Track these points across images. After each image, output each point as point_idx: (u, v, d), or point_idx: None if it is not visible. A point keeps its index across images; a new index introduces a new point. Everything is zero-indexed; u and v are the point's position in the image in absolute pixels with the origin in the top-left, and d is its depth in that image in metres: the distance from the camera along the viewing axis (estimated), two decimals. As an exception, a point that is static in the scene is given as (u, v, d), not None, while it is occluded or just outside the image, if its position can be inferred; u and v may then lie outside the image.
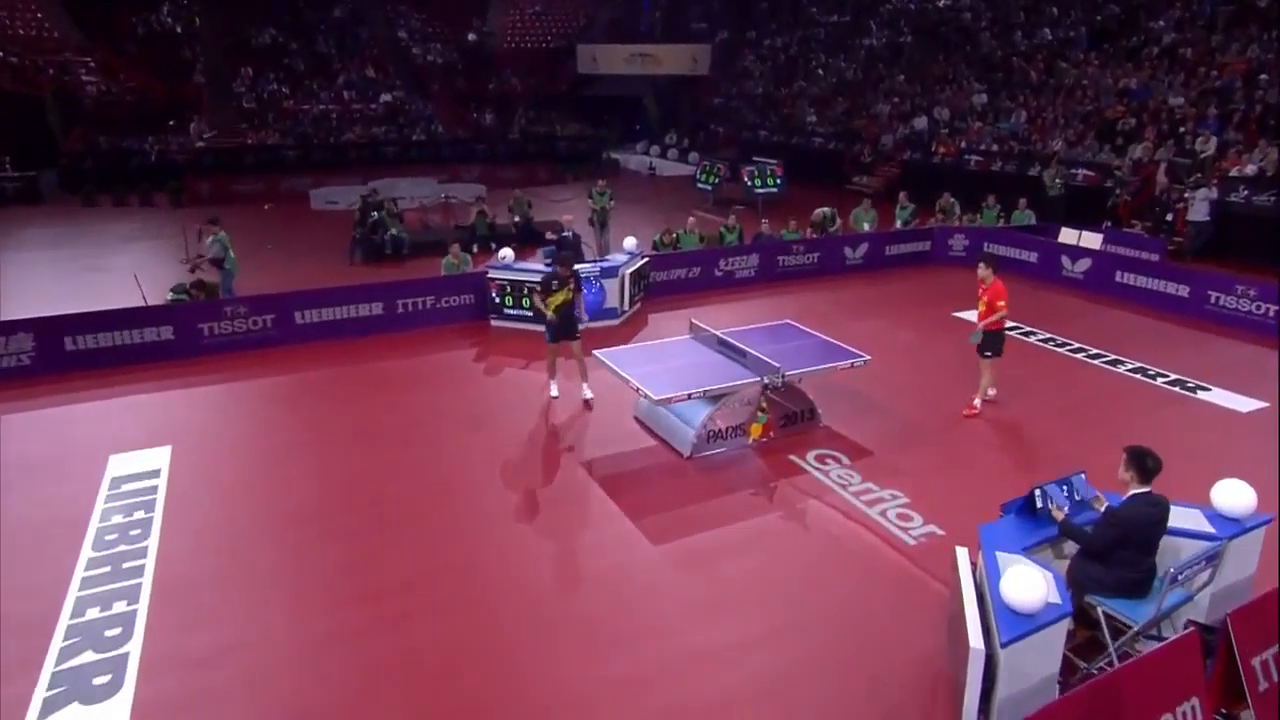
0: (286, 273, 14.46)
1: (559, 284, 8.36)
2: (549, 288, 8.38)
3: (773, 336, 8.77)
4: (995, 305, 8.35)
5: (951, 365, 9.87)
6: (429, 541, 6.28)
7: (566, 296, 8.36)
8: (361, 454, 7.69)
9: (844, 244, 14.63)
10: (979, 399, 8.69)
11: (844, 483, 7.22)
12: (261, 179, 23.55)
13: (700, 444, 7.67)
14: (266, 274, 14.38)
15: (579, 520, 6.61)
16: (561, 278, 8.36)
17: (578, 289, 8.47)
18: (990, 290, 8.38)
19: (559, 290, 8.35)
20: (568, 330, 8.50)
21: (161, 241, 16.04)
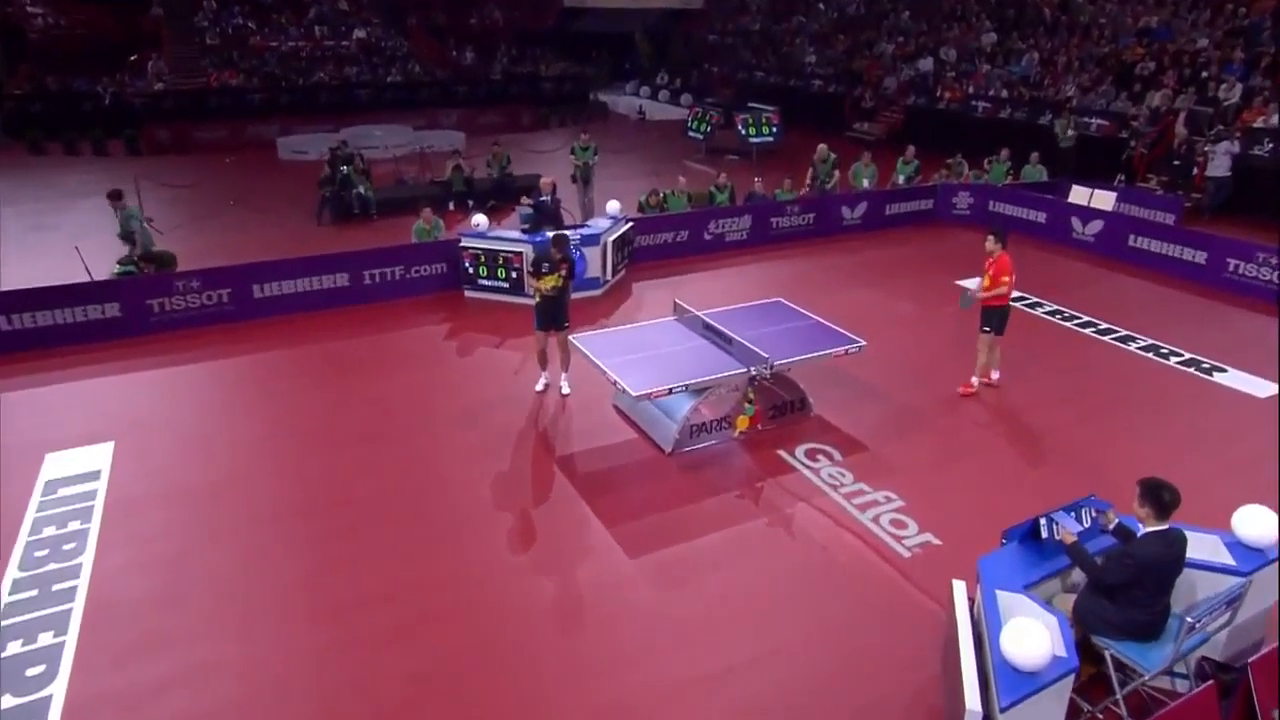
0: (249, 235, 13.94)
1: (549, 267, 7.89)
2: (539, 270, 7.92)
3: (762, 318, 8.36)
4: (998, 280, 7.94)
5: (952, 339, 9.52)
6: (392, 554, 5.98)
7: (557, 282, 7.89)
8: (324, 450, 7.34)
9: (841, 203, 14.09)
10: (976, 378, 8.36)
11: (835, 483, 6.92)
12: (225, 125, 22.63)
13: (683, 439, 7.34)
14: (228, 236, 13.86)
15: (552, 529, 6.30)
16: (553, 260, 7.88)
17: (569, 276, 7.97)
18: (996, 264, 7.99)
19: (549, 274, 7.88)
20: (554, 319, 8.06)
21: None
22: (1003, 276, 7.98)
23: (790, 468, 7.16)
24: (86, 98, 22.63)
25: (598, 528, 6.30)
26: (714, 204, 13.48)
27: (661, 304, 10.78)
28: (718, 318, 8.10)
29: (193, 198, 15.97)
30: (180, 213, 15.11)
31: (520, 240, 10.71)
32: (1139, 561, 4.19)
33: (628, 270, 12.01)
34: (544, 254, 8.02)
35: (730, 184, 13.76)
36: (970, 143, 17.82)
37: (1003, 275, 7.98)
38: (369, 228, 14.50)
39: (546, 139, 21.99)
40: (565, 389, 8.35)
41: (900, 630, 5.31)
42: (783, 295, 11.18)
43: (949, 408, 8.23)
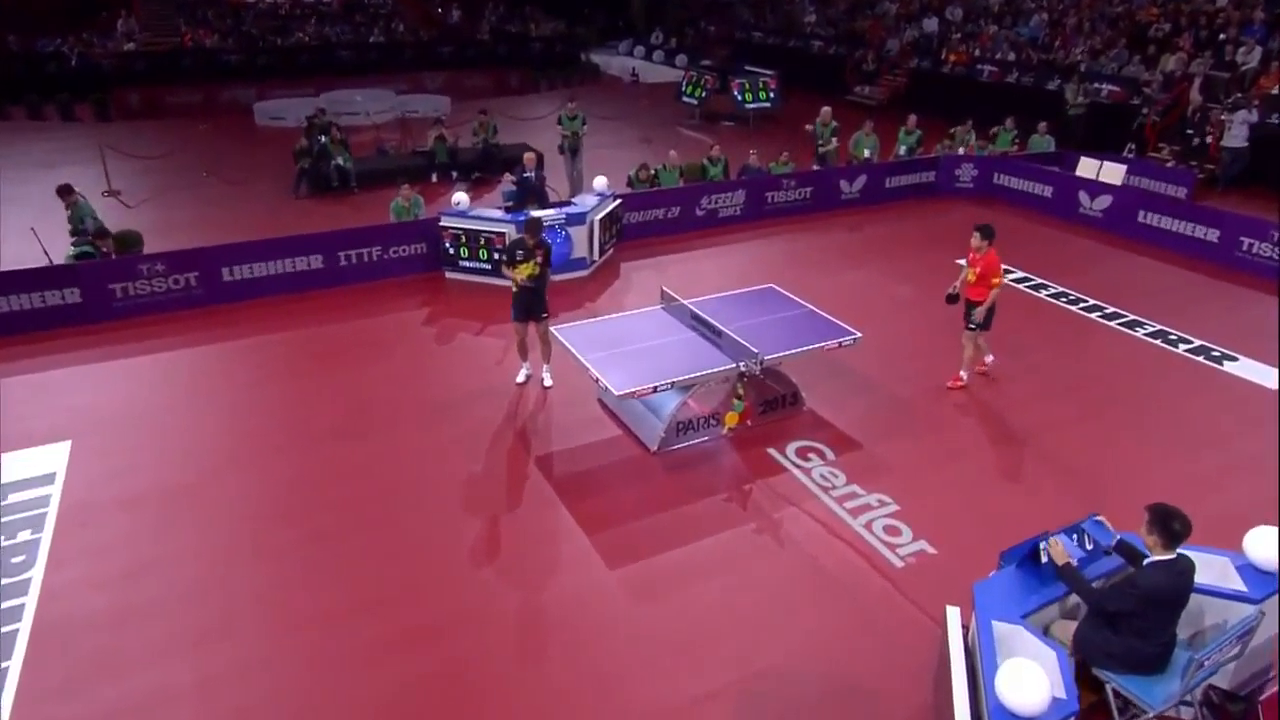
0: (222, 209, 13.57)
1: (524, 254, 7.59)
2: (513, 258, 7.62)
3: (753, 306, 8.10)
4: (989, 281, 7.63)
5: (951, 325, 9.18)
6: (356, 567, 5.78)
7: (533, 270, 7.59)
8: (292, 449, 7.12)
9: (839, 177, 13.72)
10: (965, 370, 8.12)
11: (826, 484, 6.72)
12: (199, 89, 22.08)
13: (669, 438, 7.12)
14: (200, 211, 13.48)
15: (526, 537, 6.10)
16: (527, 247, 7.58)
17: (546, 263, 7.67)
18: (985, 261, 7.67)
19: (524, 262, 7.59)
20: (533, 309, 7.78)
21: (86, 167, 14.91)
22: (992, 277, 7.65)
23: (780, 468, 6.96)
24: (51, 59, 21.98)
25: (576, 535, 6.10)
26: (707, 178, 13.12)
27: (650, 286, 10.51)
28: (706, 307, 7.83)
29: (163, 168, 15.55)
30: (149, 184, 14.73)
31: (502, 220, 10.38)
32: (1143, 593, 4.00)
33: (616, 249, 11.70)
34: (517, 240, 7.71)
35: (723, 157, 13.37)
36: (975, 109, 17.33)
37: (992, 275, 7.65)
38: (348, 202, 14.12)
39: (535, 104, 21.45)
40: (547, 381, 8.11)
41: (892, 650, 5.14)
42: (777, 276, 10.93)
43: (945, 400, 8.02)
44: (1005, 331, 9.31)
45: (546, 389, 8.07)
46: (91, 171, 14.41)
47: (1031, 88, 18.82)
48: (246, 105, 20.77)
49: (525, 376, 8.26)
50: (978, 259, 7.68)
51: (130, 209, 13.56)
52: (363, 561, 5.82)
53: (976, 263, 7.68)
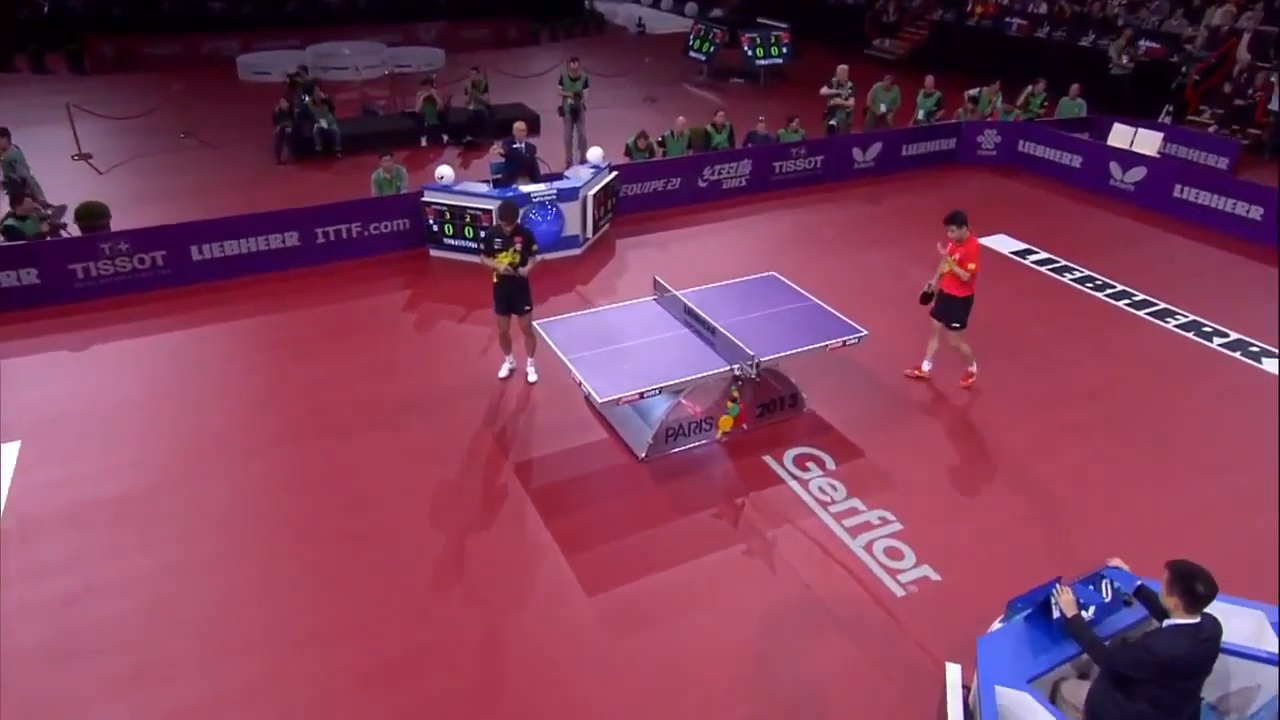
0: (200, 175, 13.18)
1: (502, 243, 7.21)
2: (491, 247, 7.25)
3: (752, 297, 7.72)
4: (964, 266, 7.21)
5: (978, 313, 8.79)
6: (312, 588, 5.54)
7: (513, 259, 7.22)
8: (257, 452, 6.85)
9: (852, 145, 13.16)
10: (972, 366, 7.76)
11: (825, 498, 6.41)
12: (179, 40, 21.43)
13: (658, 444, 6.82)
14: (175, 178, 13.07)
15: (500, 557, 5.83)
16: (505, 235, 7.20)
17: (528, 250, 7.29)
18: (964, 249, 7.24)
19: (503, 250, 7.21)
20: (515, 302, 7.44)
21: (56, 127, 14.44)
22: (968, 264, 7.22)
23: (776, 478, 6.65)
24: (22, 4, 21.32)
25: (553, 556, 5.83)
26: (711, 146, 12.59)
27: (647, 266, 10.12)
28: (701, 299, 7.46)
29: (140, 129, 15.10)
30: (124, 147, 14.31)
31: (489, 195, 9.96)
32: (1161, 661, 3.68)
33: (611, 224, 11.27)
34: (494, 228, 7.32)
35: (729, 123, 12.81)
36: (1003, 68, 16.62)
37: (968, 262, 7.22)
38: (333, 168, 13.70)
39: (536, 58, 20.77)
40: (532, 376, 7.80)
41: (888, 696, 4.86)
42: (783, 256, 10.55)
43: (956, 402, 7.65)
44: (1023, 323, 8.95)
45: (530, 385, 7.75)
46: (63, 132, 13.97)
47: (1064, 43, 18.03)
48: (230, 58, 20.17)
49: (508, 371, 7.95)
50: (956, 247, 7.24)
51: (101, 175, 13.18)
52: (315, 587, 5.56)
53: (955, 250, 7.25)
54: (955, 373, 7.87)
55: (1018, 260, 10.66)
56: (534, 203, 9.96)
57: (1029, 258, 10.72)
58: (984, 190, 13.12)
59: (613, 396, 6.22)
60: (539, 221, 10.01)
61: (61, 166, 13.31)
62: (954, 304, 7.42)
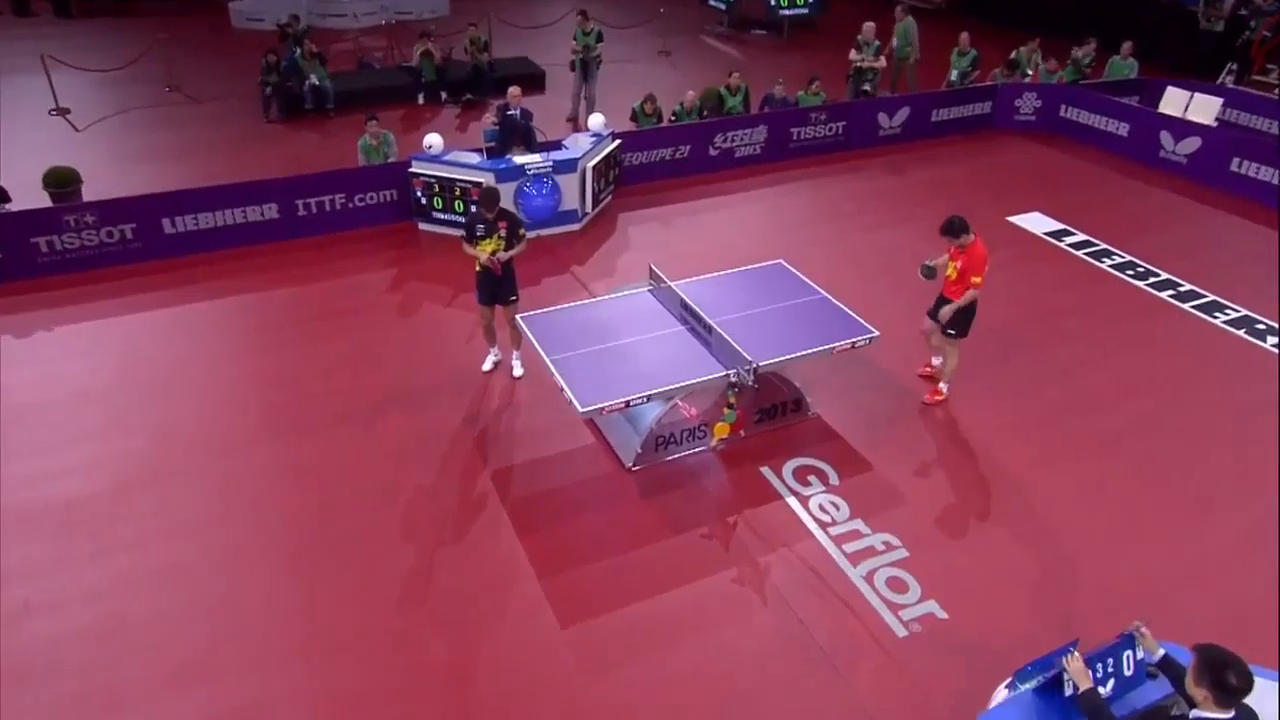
0: (183, 134, 12.85)
1: (484, 230, 6.85)
2: (472, 234, 6.90)
3: (755, 290, 7.32)
4: (968, 279, 6.66)
5: (995, 305, 8.36)
6: (269, 611, 5.32)
7: (497, 245, 6.87)
8: (218, 453, 6.60)
9: (877, 110, 12.52)
10: (945, 383, 7.28)
11: (826, 518, 6.08)
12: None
13: (647, 453, 6.50)
14: (157, 136, 12.75)
15: (470, 578, 5.57)
16: (486, 221, 6.84)
17: (514, 236, 6.95)
18: (967, 255, 6.65)
19: (485, 238, 6.86)
20: (499, 292, 7.11)
21: (36, 77, 14.04)
22: (973, 275, 6.62)
23: (773, 493, 6.32)
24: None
25: (526, 579, 5.57)
26: (724, 111, 12.02)
27: (649, 245, 9.77)
28: (700, 291, 7.08)
29: (122, 80, 14.71)
30: (105, 102, 13.95)
31: (481, 167, 9.54)
32: (1188, 757, 3.34)
33: (614, 196, 10.83)
34: (474, 214, 6.95)
35: (744, 85, 12.21)
36: (1047, 18, 15.76)
37: (973, 273, 6.61)
38: (324, 127, 13.31)
39: (545, 6, 20.03)
40: (517, 370, 7.49)
41: (881, 750, 4.58)
42: (797, 234, 10.10)
43: (972, 409, 7.25)
44: (1053, 316, 8.48)
45: (516, 379, 7.44)
46: (43, 82, 13.60)
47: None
48: (222, 3, 19.63)
49: (493, 364, 7.65)
50: (960, 253, 6.70)
51: (79, 133, 12.86)
52: (276, 605, 5.35)
53: (958, 256, 6.70)
54: (973, 374, 7.45)
55: (1052, 242, 10.13)
56: (528, 175, 9.54)
57: (1065, 239, 10.18)
58: (1020, 160, 12.49)
59: (595, 406, 5.89)
60: (534, 195, 9.60)
61: (38, 121, 13.03)
62: (954, 313, 6.94)
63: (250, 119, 13.59)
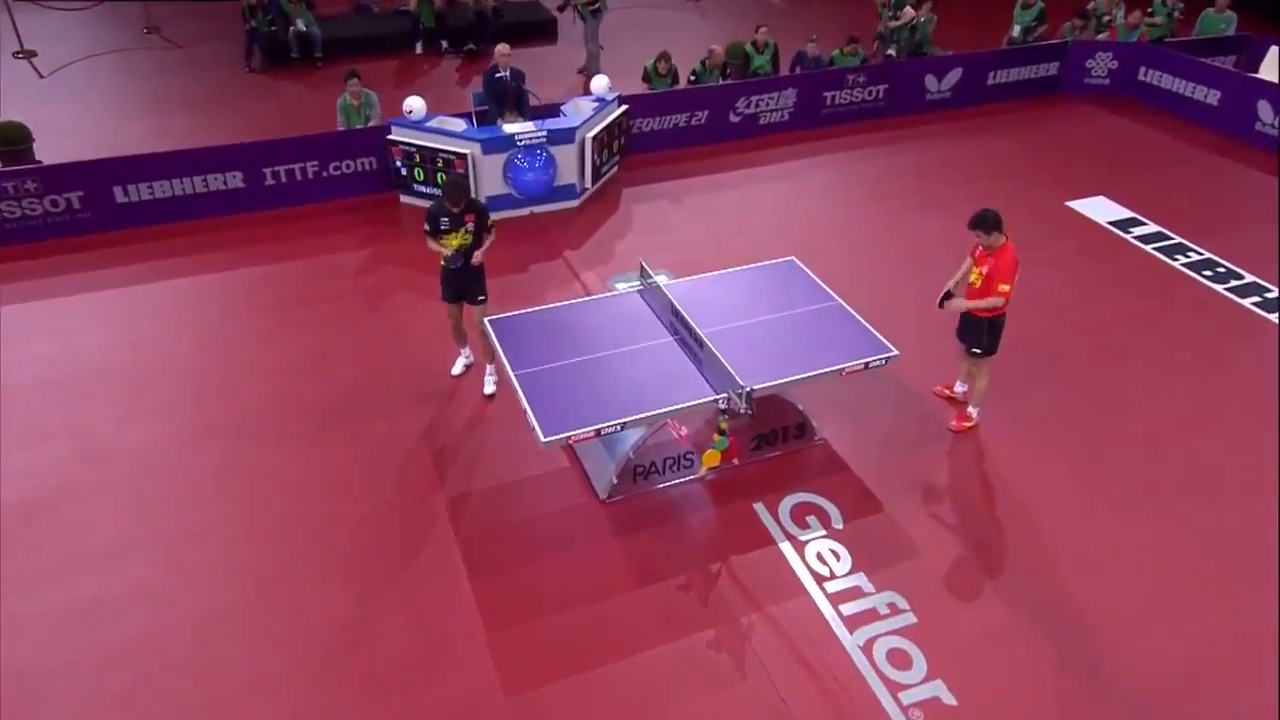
0: (155, 83, 12.54)
1: (449, 224, 6.41)
2: (436, 227, 6.46)
3: (759, 295, 6.79)
4: (994, 286, 6.05)
5: (1037, 311, 7.77)
6: (190, 660, 5.00)
7: (464, 241, 6.44)
8: (145, 469, 6.28)
9: (924, 70, 11.72)
10: (975, 408, 6.70)
11: (824, 571, 5.61)
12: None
13: (623, 483, 6.07)
14: (126, 87, 12.40)
15: (410, 631, 5.17)
16: (452, 215, 6.38)
17: (483, 229, 6.53)
18: (996, 260, 6.04)
19: (450, 232, 6.42)
20: (466, 290, 6.70)
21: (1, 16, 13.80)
22: (1001, 283, 6.02)
23: (765, 536, 5.86)
24: None
25: (473, 633, 5.19)
26: (750, 71, 11.32)
27: (654, 227, 9.28)
28: (696, 294, 6.61)
29: (95, 19, 14.33)
30: (74, 42, 13.62)
31: (466, 136, 9.03)
32: None
33: (620, 168, 10.27)
34: (437, 206, 6.48)
35: (773, 41, 11.47)
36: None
37: (1001, 280, 6.01)
38: (311, 79, 12.91)
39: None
40: (489, 388, 7.01)
41: None
42: (824, 214, 9.52)
43: (1005, 439, 6.68)
44: (1109, 326, 7.83)
45: (488, 397, 6.98)
46: (5, 22, 13.28)
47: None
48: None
49: (463, 367, 7.24)
50: (986, 256, 6.09)
51: (43, 79, 12.55)
52: (188, 659, 5.02)
53: (984, 261, 6.10)
54: (1009, 395, 6.87)
55: (1116, 233, 9.38)
56: (519, 146, 9.01)
57: (1132, 230, 9.43)
58: (1088, 132, 11.66)
59: (560, 436, 5.44)
60: (525, 169, 9.09)
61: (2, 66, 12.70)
62: (976, 324, 6.31)
63: (230, 68, 13.22)
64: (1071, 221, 9.58)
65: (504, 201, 9.22)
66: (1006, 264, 6.02)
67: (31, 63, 12.93)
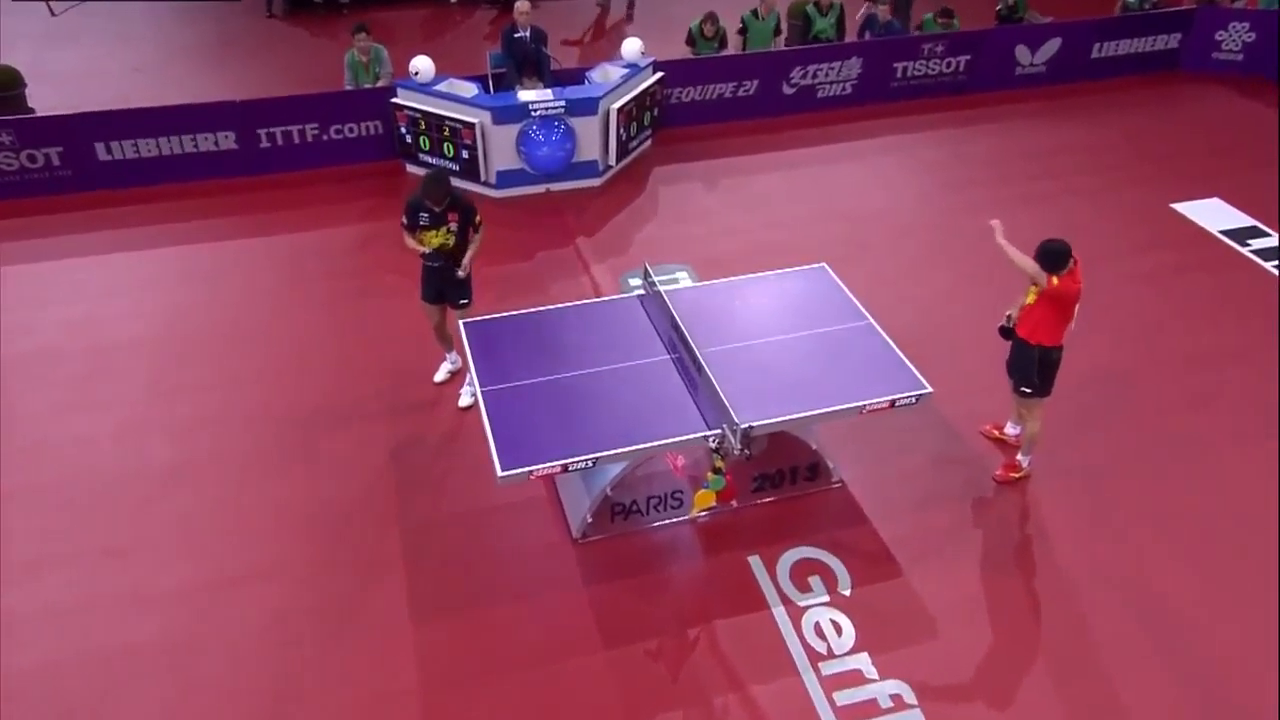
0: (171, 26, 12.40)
1: (430, 220, 6.05)
2: (413, 223, 6.12)
3: (778, 309, 6.26)
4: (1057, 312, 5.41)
5: (1113, 337, 7.04)
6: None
7: (445, 240, 6.09)
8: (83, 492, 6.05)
9: (1014, 40, 10.82)
10: (1026, 456, 6.02)
11: (821, 647, 5.09)
12: None
13: (599, 523, 5.63)
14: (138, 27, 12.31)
15: (336, 700, 4.82)
16: (432, 211, 6.00)
17: (468, 225, 6.16)
18: (1059, 293, 5.37)
19: (430, 229, 6.07)
20: (448, 291, 6.36)
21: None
22: (1064, 305, 5.39)
23: (759, 598, 5.36)
24: None
25: (405, 693, 4.82)
26: (810, 37, 10.58)
27: (683, 215, 8.75)
28: (704, 302, 6.16)
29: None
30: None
31: (476, 103, 8.60)
32: None
33: (654, 141, 9.73)
34: (415, 201, 6.08)
35: (839, 2, 10.68)
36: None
37: (1065, 301, 5.37)
38: (334, 29, 12.59)
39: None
40: (465, 400, 6.63)
41: None
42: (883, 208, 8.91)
43: (1056, 495, 6.01)
44: (1208, 359, 7.02)
45: (463, 410, 6.59)
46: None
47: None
48: None
49: (447, 373, 6.91)
50: (1041, 289, 5.42)
51: (54, 18, 12.52)
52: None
53: (1045, 293, 5.44)
54: (1068, 440, 6.20)
55: (1230, 244, 8.49)
56: (534, 115, 8.53)
57: (1250, 242, 8.52)
58: (1209, 119, 10.64)
59: (519, 470, 5.00)
60: (540, 142, 8.62)
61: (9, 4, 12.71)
62: (1026, 356, 5.63)
63: (251, 15, 13.01)
64: (1175, 227, 8.71)
65: (517, 177, 8.80)
66: (1069, 291, 5.38)
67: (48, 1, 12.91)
